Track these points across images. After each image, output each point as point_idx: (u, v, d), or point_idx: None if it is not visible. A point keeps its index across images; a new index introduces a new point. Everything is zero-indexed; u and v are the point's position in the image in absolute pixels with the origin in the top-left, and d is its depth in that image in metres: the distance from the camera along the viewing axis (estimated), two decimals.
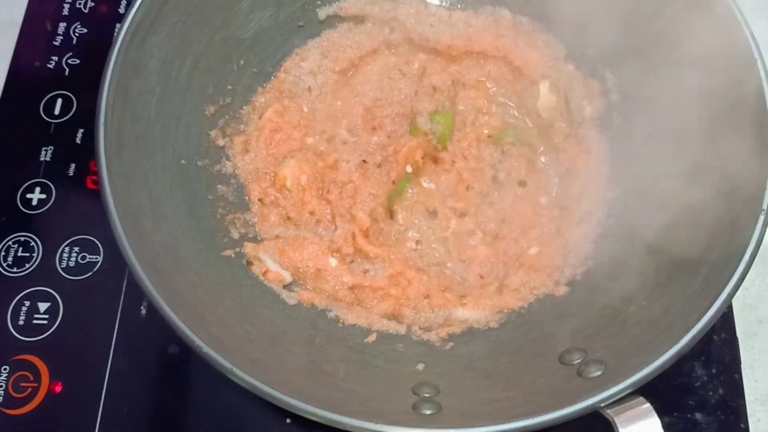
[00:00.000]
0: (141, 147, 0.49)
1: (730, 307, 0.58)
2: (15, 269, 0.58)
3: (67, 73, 0.66)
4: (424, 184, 0.59)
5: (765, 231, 0.43)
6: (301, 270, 0.54)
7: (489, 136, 0.61)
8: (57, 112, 0.64)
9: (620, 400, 0.38)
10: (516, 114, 0.62)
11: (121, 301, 0.57)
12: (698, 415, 0.54)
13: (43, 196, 0.61)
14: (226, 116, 0.58)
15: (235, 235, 0.54)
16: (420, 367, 0.49)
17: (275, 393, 0.38)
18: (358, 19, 0.63)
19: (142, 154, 0.49)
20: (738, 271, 0.41)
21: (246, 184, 0.57)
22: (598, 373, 0.42)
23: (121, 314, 0.56)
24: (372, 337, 0.51)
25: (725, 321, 0.57)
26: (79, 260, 0.58)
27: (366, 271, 0.55)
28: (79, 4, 0.70)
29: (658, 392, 0.40)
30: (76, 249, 0.59)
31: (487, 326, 0.53)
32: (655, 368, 0.39)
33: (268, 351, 0.46)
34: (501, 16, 0.62)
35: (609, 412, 0.38)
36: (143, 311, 0.56)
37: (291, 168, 0.57)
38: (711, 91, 0.49)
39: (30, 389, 0.54)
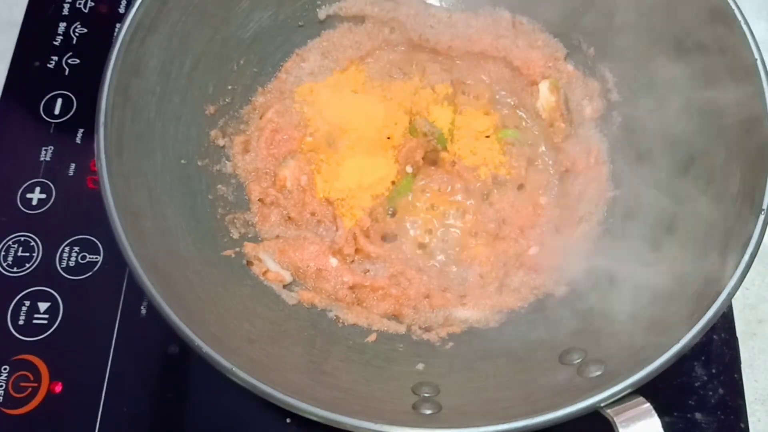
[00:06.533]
0: (141, 147, 0.49)
1: (730, 307, 0.58)
2: (15, 269, 0.58)
3: (67, 73, 0.66)
4: (424, 184, 0.59)
5: (765, 231, 0.43)
6: (301, 270, 0.54)
7: (489, 136, 0.61)
8: (57, 112, 0.64)
9: (620, 400, 0.38)
10: (516, 114, 0.62)
11: (121, 301, 0.57)
12: (698, 415, 0.54)
13: (43, 196, 0.61)
14: (226, 116, 0.58)
15: (235, 235, 0.54)
16: (420, 367, 0.49)
17: (275, 393, 0.38)
18: (358, 19, 0.63)
19: (142, 154, 0.49)
20: (738, 271, 0.41)
21: (246, 184, 0.57)
22: (598, 373, 0.42)
23: (121, 314, 0.56)
24: (372, 337, 0.51)
25: (725, 321, 0.57)
26: (79, 260, 0.58)
27: (366, 271, 0.55)
28: (79, 4, 0.70)
29: (658, 392, 0.40)
30: (76, 249, 0.59)
31: (487, 326, 0.53)
32: (655, 368, 0.39)
33: (268, 351, 0.46)
34: (501, 16, 0.62)
35: (609, 412, 0.38)
36: (143, 311, 0.56)
37: (291, 168, 0.57)
38: (711, 91, 0.49)
39: (30, 389, 0.54)
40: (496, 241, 0.57)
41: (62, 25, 0.68)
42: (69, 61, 0.67)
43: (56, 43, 0.68)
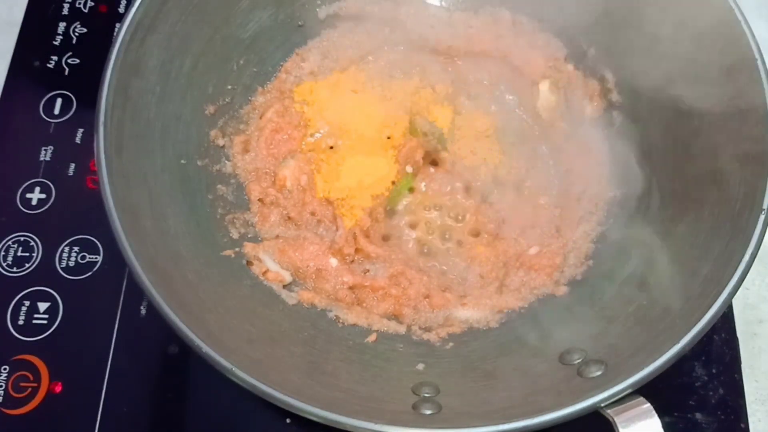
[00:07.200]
0: (141, 147, 0.49)
1: (730, 307, 0.58)
2: (15, 269, 0.58)
3: (67, 73, 0.66)
4: (424, 184, 0.59)
5: (765, 231, 0.43)
6: (301, 270, 0.54)
7: (489, 136, 0.61)
8: (57, 111, 0.64)
9: (620, 400, 0.38)
10: (516, 114, 0.62)
11: (121, 301, 0.57)
12: (698, 415, 0.54)
13: (43, 195, 0.61)
14: (226, 116, 0.58)
15: (235, 234, 0.54)
16: (420, 367, 0.49)
17: (275, 393, 0.38)
18: (358, 19, 0.63)
19: (142, 153, 0.49)
20: (738, 271, 0.41)
21: (246, 184, 0.57)
22: (598, 373, 0.42)
23: (121, 314, 0.56)
24: (372, 337, 0.51)
25: (725, 321, 0.57)
26: (79, 260, 0.58)
27: (366, 271, 0.55)
28: (79, 4, 0.70)
29: (659, 392, 0.40)
30: (76, 249, 0.59)
31: (487, 326, 0.53)
32: (656, 368, 0.39)
33: (268, 351, 0.46)
34: (501, 16, 0.62)
35: (609, 412, 0.38)
36: (143, 311, 0.56)
37: (291, 168, 0.57)
38: (711, 91, 0.49)
39: (30, 389, 0.54)
40: (496, 241, 0.57)
41: (62, 25, 0.68)
42: (69, 60, 0.67)
43: (56, 43, 0.68)
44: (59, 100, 0.65)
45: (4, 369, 0.54)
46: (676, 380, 0.55)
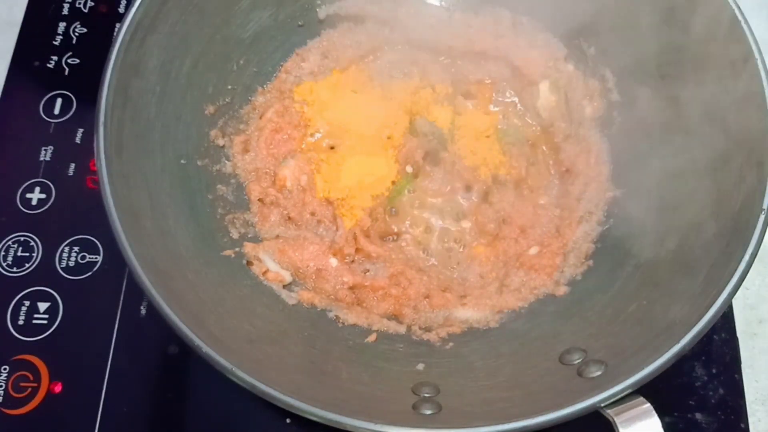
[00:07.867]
0: (141, 147, 0.49)
1: (730, 307, 0.58)
2: (15, 269, 0.58)
3: (66, 73, 0.66)
4: (424, 184, 0.59)
5: (765, 231, 0.43)
6: (301, 270, 0.54)
7: (489, 136, 0.61)
8: (57, 111, 0.64)
9: (620, 400, 0.38)
10: (516, 114, 0.62)
11: (121, 301, 0.57)
12: (698, 415, 0.54)
13: (43, 195, 0.61)
14: (226, 116, 0.58)
15: (235, 235, 0.54)
16: (420, 367, 0.49)
17: (275, 393, 0.38)
18: (358, 19, 0.63)
19: (142, 153, 0.49)
20: (738, 271, 0.41)
21: (246, 184, 0.57)
22: (598, 373, 0.42)
23: (121, 314, 0.56)
24: (372, 337, 0.51)
25: (725, 321, 0.57)
26: (79, 260, 0.58)
27: (366, 271, 0.55)
28: (79, 4, 0.70)
29: (659, 392, 0.40)
30: (76, 249, 0.59)
31: (487, 326, 0.53)
32: (656, 368, 0.39)
33: (268, 351, 0.46)
34: (501, 16, 0.62)
35: (609, 412, 0.38)
36: (143, 311, 0.56)
37: (291, 168, 0.57)
38: (710, 91, 0.49)
39: (30, 389, 0.54)
40: (496, 241, 0.57)
41: (62, 25, 0.68)
42: (69, 60, 0.67)
43: (56, 43, 0.68)
44: (59, 100, 0.65)
45: (4, 369, 0.54)
46: (676, 380, 0.55)
